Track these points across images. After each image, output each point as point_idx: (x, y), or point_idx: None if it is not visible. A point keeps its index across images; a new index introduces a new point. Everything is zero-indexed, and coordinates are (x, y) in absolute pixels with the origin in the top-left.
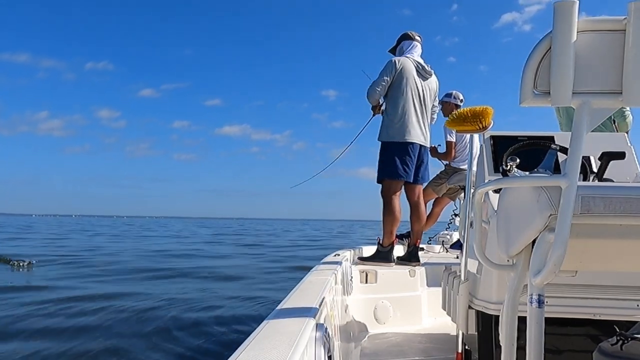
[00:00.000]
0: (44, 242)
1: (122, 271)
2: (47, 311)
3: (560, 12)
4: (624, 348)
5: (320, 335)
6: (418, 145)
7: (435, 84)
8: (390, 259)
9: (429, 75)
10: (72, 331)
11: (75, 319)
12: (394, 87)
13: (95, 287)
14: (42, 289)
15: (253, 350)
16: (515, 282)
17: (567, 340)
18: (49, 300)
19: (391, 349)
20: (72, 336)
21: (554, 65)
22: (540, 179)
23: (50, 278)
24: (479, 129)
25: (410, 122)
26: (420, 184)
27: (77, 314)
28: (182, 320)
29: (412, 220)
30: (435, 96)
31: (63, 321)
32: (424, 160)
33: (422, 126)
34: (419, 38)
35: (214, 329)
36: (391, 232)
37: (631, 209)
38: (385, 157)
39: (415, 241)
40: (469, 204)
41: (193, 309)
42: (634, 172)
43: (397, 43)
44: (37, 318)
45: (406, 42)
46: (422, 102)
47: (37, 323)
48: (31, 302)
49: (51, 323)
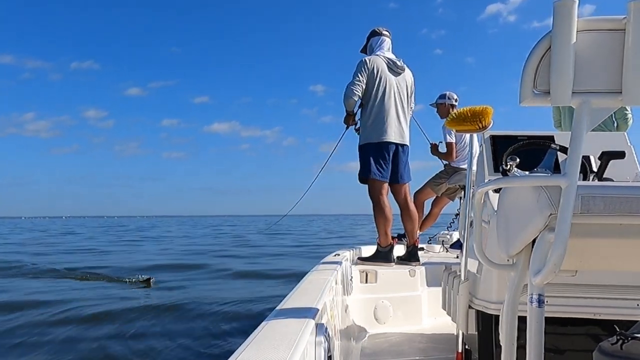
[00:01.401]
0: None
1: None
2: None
3: (560, 12)
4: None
5: (320, 335)
6: (394, 144)
7: (410, 77)
8: (390, 258)
9: (402, 70)
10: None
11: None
12: (368, 87)
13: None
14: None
15: (253, 351)
16: (515, 282)
17: (567, 340)
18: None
19: (391, 349)
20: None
21: (553, 65)
22: (540, 178)
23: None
24: (478, 129)
25: (386, 121)
26: (403, 183)
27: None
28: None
29: (403, 220)
30: (411, 90)
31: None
32: (401, 159)
33: (399, 123)
34: (387, 32)
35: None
36: (385, 232)
37: (631, 208)
38: (362, 158)
39: (412, 241)
40: (469, 203)
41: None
42: (634, 172)
43: (367, 41)
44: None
45: (374, 38)
46: (396, 98)
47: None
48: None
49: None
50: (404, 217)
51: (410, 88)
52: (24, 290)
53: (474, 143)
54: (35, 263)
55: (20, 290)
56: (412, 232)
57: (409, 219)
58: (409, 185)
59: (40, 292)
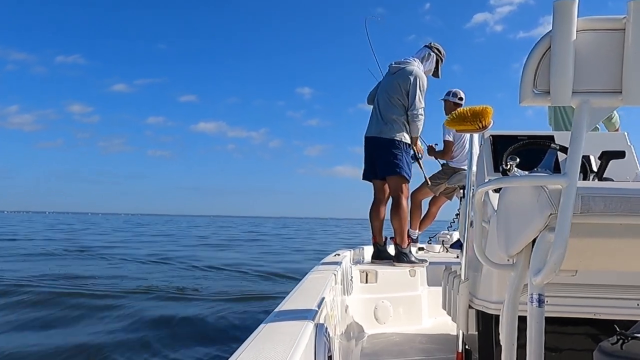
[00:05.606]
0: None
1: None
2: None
3: (560, 12)
4: (624, 347)
5: (320, 336)
6: (365, 138)
7: (406, 75)
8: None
9: (395, 70)
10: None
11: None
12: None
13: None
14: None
15: (253, 351)
16: (515, 282)
17: (568, 340)
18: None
19: (391, 349)
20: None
21: (553, 65)
22: (540, 178)
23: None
24: (478, 129)
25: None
26: (378, 179)
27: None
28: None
29: (390, 218)
30: (404, 86)
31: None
32: (371, 154)
33: (374, 116)
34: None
35: None
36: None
37: (631, 208)
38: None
39: (395, 239)
40: (469, 203)
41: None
42: (634, 172)
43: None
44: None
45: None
46: (380, 96)
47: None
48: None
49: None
50: (390, 214)
51: (405, 84)
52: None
53: (474, 143)
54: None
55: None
56: (396, 230)
57: (392, 216)
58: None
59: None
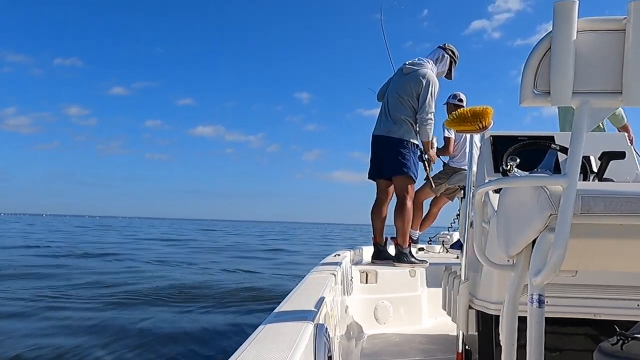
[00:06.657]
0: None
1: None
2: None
3: (561, 12)
4: (624, 348)
5: (320, 336)
6: (373, 136)
7: (418, 78)
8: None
9: (408, 71)
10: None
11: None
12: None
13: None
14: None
15: (253, 351)
16: (515, 282)
17: (568, 340)
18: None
19: (391, 349)
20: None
21: (554, 65)
22: (540, 178)
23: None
24: (479, 129)
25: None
26: (384, 179)
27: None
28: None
29: (394, 218)
30: (415, 89)
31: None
32: (377, 153)
33: (382, 114)
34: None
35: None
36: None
37: (631, 208)
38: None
39: (396, 240)
40: (469, 204)
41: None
42: (634, 172)
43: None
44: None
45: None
46: (390, 94)
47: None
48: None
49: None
50: (394, 214)
51: (416, 84)
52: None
53: (474, 143)
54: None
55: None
56: (398, 230)
57: (395, 216)
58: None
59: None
